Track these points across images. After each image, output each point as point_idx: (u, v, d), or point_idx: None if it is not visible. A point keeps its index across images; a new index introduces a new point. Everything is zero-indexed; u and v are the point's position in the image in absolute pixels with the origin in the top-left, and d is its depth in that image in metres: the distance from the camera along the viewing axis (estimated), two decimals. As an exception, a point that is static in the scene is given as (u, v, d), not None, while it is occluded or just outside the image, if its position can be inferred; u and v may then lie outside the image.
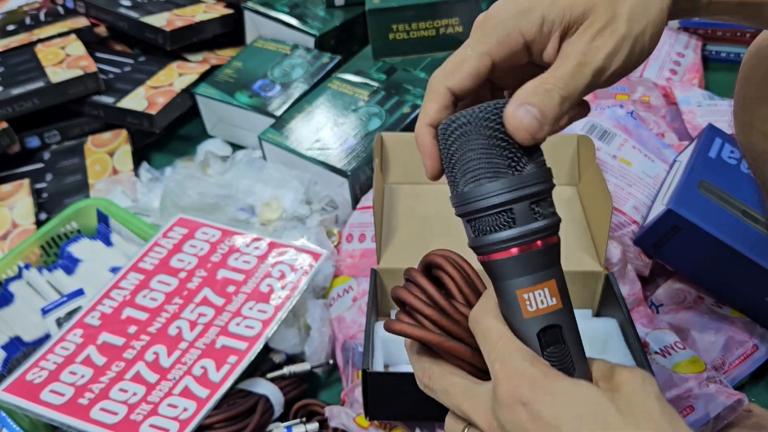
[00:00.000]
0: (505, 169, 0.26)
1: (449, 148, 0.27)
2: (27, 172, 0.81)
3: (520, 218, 0.26)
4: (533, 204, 0.26)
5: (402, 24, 0.84)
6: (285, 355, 0.58)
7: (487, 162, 0.26)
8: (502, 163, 0.26)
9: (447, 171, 0.28)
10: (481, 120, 0.26)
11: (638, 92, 0.79)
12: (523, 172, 0.26)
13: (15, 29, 0.97)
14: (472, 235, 0.27)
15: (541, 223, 0.26)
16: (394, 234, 0.59)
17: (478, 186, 0.26)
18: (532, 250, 0.26)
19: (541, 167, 0.27)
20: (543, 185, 0.26)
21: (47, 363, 0.53)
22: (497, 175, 0.26)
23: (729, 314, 0.58)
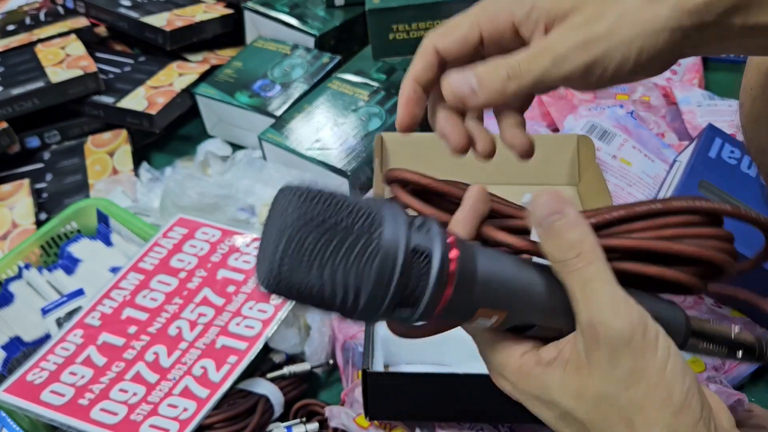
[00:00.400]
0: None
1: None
2: (27, 172, 0.81)
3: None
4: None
5: (402, 24, 0.84)
6: (285, 355, 0.58)
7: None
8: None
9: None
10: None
11: (638, 92, 0.79)
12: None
13: (15, 29, 0.97)
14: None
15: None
16: (394, 234, 0.59)
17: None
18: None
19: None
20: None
21: (47, 363, 0.53)
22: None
23: (729, 314, 0.58)
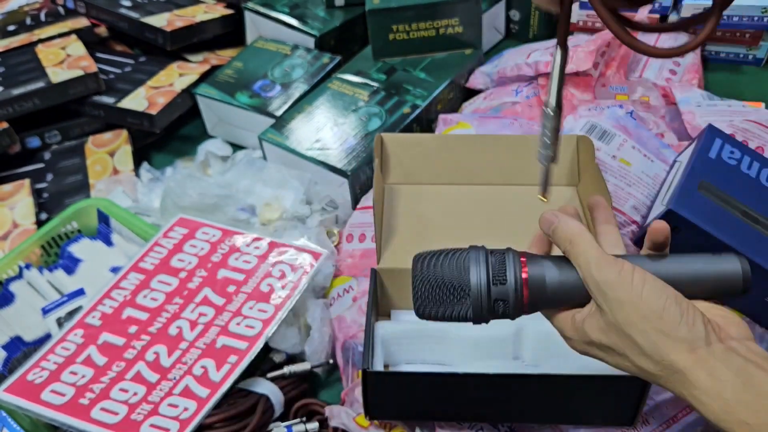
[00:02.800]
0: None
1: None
2: (27, 172, 0.81)
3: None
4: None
5: (402, 24, 0.84)
6: (285, 355, 0.58)
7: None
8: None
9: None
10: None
11: (638, 92, 0.79)
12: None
13: (15, 29, 0.97)
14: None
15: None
16: (394, 234, 0.59)
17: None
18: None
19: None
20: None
21: (48, 363, 0.53)
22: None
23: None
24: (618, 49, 0.82)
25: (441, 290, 0.33)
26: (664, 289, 0.31)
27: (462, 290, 0.33)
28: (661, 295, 0.30)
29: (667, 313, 0.30)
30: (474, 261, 0.33)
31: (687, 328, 0.29)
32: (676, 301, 0.30)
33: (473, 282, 0.33)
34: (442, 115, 0.78)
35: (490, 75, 0.85)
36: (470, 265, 0.33)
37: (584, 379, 0.45)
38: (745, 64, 0.92)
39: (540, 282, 0.33)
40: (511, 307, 0.33)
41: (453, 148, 0.64)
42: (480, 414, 0.49)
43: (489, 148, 0.64)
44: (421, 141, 0.65)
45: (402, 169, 0.64)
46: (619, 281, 0.31)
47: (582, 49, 0.76)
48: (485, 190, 0.63)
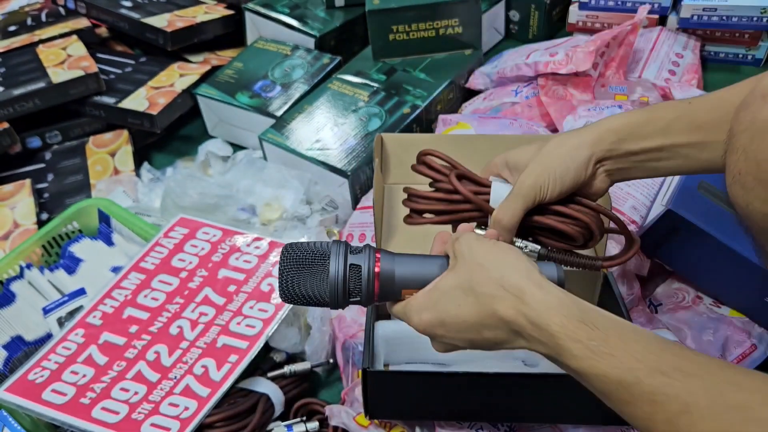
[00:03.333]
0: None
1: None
2: (28, 172, 0.82)
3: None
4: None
5: (402, 25, 0.84)
6: (285, 354, 0.58)
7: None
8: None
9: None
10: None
11: (637, 93, 0.79)
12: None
13: (16, 30, 0.97)
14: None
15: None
16: (393, 234, 0.59)
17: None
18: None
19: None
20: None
21: (49, 362, 0.54)
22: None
23: (727, 314, 0.58)
24: (617, 50, 0.82)
25: (303, 273, 0.37)
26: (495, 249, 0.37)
27: (321, 275, 0.36)
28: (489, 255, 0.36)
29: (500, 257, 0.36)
30: (334, 253, 0.37)
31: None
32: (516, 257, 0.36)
33: (331, 271, 0.36)
34: (441, 116, 0.79)
35: (490, 75, 0.85)
36: (330, 254, 0.37)
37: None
38: (744, 64, 0.93)
39: (390, 272, 0.37)
40: (364, 295, 0.37)
41: (452, 147, 0.64)
42: (480, 413, 0.49)
43: (488, 147, 0.64)
44: (421, 141, 0.65)
45: (402, 169, 0.64)
46: (469, 260, 0.36)
47: (581, 49, 0.76)
48: None
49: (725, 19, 0.87)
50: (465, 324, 0.35)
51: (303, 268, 0.37)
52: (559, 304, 0.33)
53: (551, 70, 0.77)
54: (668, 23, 0.92)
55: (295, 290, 0.37)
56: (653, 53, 0.87)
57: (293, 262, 0.37)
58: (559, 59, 0.77)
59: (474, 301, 0.34)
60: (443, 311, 0.35)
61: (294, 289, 0.37)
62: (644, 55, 0.86)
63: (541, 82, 0.78)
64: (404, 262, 0.38)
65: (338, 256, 0.37)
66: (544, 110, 0.77)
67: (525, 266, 0.35)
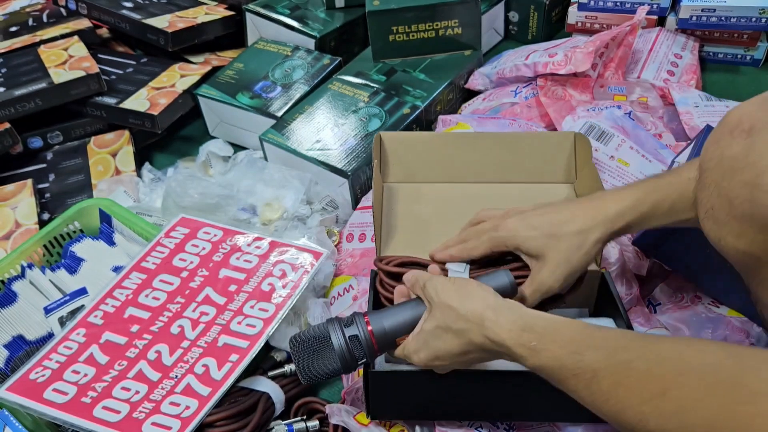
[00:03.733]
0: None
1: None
2: (30, 172, 0.82)
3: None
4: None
5: (402, 26, 0.84)
6: (286, 354, 0.58)
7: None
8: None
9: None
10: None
11: (636, 93, 0.79)
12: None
13: (18, 30, 0.97)
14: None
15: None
16: (393, 234, 0.59)
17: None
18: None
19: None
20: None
21: (50, 362, 0.54)
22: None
23: (726, 314, 0.58)
24: (616, 50, 0.82)
25: (315, 358, 0.44)
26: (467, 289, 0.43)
27: (330, 354, 0.44)
28: (463, 296, 0.43)
29: (474, 295, 0.42)
30: (332, 332, 0.44)
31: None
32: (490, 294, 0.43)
33: (336, 347, 0.43)
34: (441, 116, 0.79)
35: (489, 76, 0.85)
36: (330, 334, 0.44)
37: None
38: (743, 64, 0.93)
39: (381, 329, 0.44)
40: (367, 353, 0.44)
41: (452, 146, 0.65)
42: (481, 412, 0.50)
43: (487, 145, 0.65)
44: (420, 139, 0.66)
45: (401, 167, 0.65)
46: (445, 301, 0.43)
47: (580, 50, 0.77)
48: (484, 187, 0.64)
49: (724, 20, 0.87)
50: (453, 354, 0.42)
51: (313, 354, 0.44)
52: (507, 322, 0.39)
53: (550, 71, 0.78)
54: (667, 24, 0.93)
55: (314, 373, 0.44)
56: (652, 54, 0.87)
57: (303, 352, 0.44)
58: (558, 60, 0.77)
59: (453, 335, 0.41)
60: (434, 348, 0.42)
61: (313, 373, 0.44)
62: (643, 55, 0.87)
63: (541, 82, 0.79)
64: (389, 316, 0.44)
65: (337, 334, 0.44)
66: (543, 110, 0.77)
67: (482, 295, 0.42)
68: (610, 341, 0.35)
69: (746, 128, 0.33)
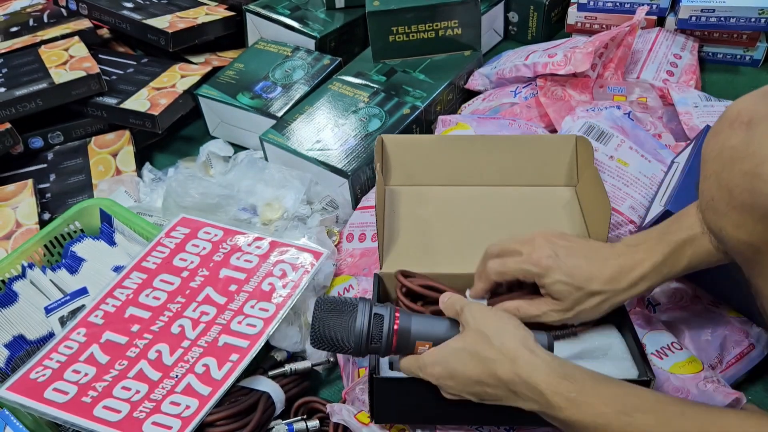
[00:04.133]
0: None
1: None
2: (30, 172, 0.82)
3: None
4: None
5: (402, 26, 0.85)
6: (286, 353, 0.59)
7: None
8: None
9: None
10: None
11: (635, 93, 0.80)
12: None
13: (18, 31, 0.97)
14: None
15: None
16: (395, 238, 0.59)
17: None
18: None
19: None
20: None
21: (50, 361, 0.54)
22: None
23: (726, 313, 0.58)
24: (615, 51, 0.82)
25: (333, 317, 0.43)
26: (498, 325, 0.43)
27: (349, 321, 0.43)
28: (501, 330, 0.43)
29: (518, 331, 0.43)
30: (362, 304, 0.43)
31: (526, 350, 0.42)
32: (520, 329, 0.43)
33: (358, 318, 0.42)
34: (441, 116, 0.79)
35: (489, 76, 0.85)
36: (359, 306, 0.43)
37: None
38: (743, 65, 0.93)
39: (407, 328, 0.43)
40: (383, 344, 0.43)
41: (453, 149, 0.65)
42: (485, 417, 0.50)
43: (489, 148, 0.65)
44: (422, 142, 0.66)
45: (402, 170, 0.65)
46: (480, 329, 0.43)
47: (580, 50, 0.77)
48: (486, 191, 0.64)
49: (723, 20, 0.87)
50: (470, 380, 0.41)
51: (333, 313, 0.43)
52: (545, 366, 0.39)
53: (550, 71, 0.78)
54: (666, 24, 0.93)
55: (324, 332, 0.43)
56: (651, 54, 0.87)
57: (325, 309, 0.43)
58: (558, 60, 0.77)
59: (478, 363, 0.40)
60: (452, 368, 0.41)
61: (323, 331, 0.43)
62: (642, 55, 0.87)
63: (540, 83, 0.79)
64: (420, 321, 0.44)
65: (365, 310, 0.43)
66: (543, 111, 0.77)
67: (521, 334, 0.41)
68: (663, 405, 0.35)
69: (745, 120, 0.33)
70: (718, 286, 0.58)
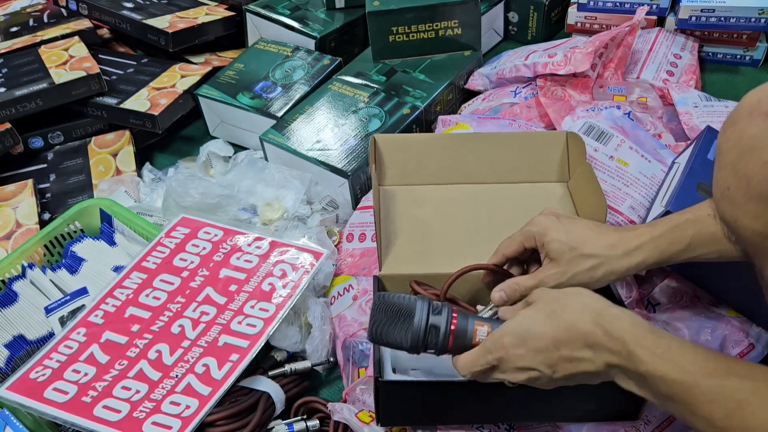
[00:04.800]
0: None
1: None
2: (30, 172, 0.82)
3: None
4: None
5: (402, 26, 0.85)
6: (286, 353, 0.59)
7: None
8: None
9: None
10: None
11: (635, 93, 0.80)
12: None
13: (18, 31, 0.97)
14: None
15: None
16: (394, 239, 0.59)
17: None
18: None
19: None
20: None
21: (50, 361, 0.54)
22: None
23: (725, 313, 0.58)
24: (615, 51, 0.82)
25: (391, 324, 0.44)
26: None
27: (406, 328, 0.43)
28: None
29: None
30: (419, 309, 0.43)
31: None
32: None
33: (415, 324, 0.43)
34: (441, 116, 0.79)
35: (489, 76, 0.85)
36: (415, 311, 0.43)
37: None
38: (742, 65, 0.93)
39: (463, 333, 0.43)
40: (439, 347, 0.44)
41: (445, 147, 0.65)
42: (486, 416, 0.50)
43: (480, 146, 0.65)
44: (414, 141, 0.66)
45: (397, 170, 0.65)
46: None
47: (580, 50, 0.77)
48: (479, 188, 0.64)
49: (723, 20, 0.87)
50: (544, 341, 0.39)
51: (391, 320, 0.43)
52: (630, 318, 0.39)
53: (550, 71, 0.78)
54: (666, 24, 0.93)
55: (382, 337, 0.44)
56: (651, 54, 0.87)
57: (384, 314, 0.44)
58: (558, 60, 0.77)
59: (555, 320, 0.39)
60: (525, 331, 0.40)
61: (381, 336, 0.44)
62: (642, 56, 0.87)
63: (540, 83, 0.79)
64: (476, 318, 0.44)
65: (422, 316, 0.43)
66: (542, 111, 0.77)
67: (599, 297, 0.41)
68: (760, 374, 0.34)
69: (765, 110, 0.33)
70: (718, 286, 0.58)
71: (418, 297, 0.44)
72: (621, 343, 0.37)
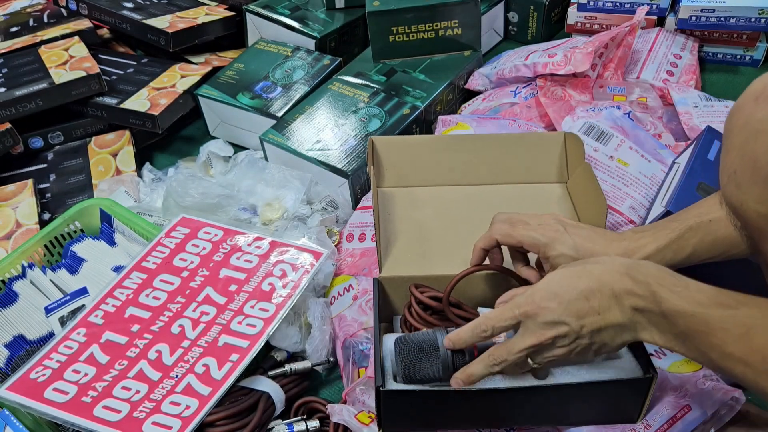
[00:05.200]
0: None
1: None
2: (30, 172, 0.82)
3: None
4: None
5: (402, 26, 0.85)
6: (286, 353, 0.59)
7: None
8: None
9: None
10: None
11: (635, 93, 0.80)
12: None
13: (18, 31, 0.97)
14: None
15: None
16: (393, 240, 0.59)
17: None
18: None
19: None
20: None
21: (50, 361, 0.54)
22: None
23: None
24: (615, 51, 0.82)
25: (420, 363, 0.46)
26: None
27: (435, 362, 0.45)
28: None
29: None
30: (440, 340, 0.46)
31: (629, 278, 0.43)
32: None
33: (441, 354, 0.45)
34: (441, 116, 0.79)
35: (489, 76, 0.85)
36: (438, 342, 0.46)
37: (590, 386, 0.46)
38: (742, 65, 0.93)
39: (485, 345, 0.45)
40: (468, 362, 0.45)
41: (443, 148, 0.65)
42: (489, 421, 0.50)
43: (478, 147, 0.65)
44: (412, 143, 0.66)
45: (395, 171, 0.65)
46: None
47: (580, 50, 0.77)
48: (478, 189, 0.64)
49: (723, 20, 0.87)
50: (575, 291, 0.41)
51: (418, 358, 0.46)
52: (655, 266, 0.41)
53: (550, 71, 0.78)
54: (666, 24, 0.93)
55: (415, 375, 0.46)
56: (651, 54, 0.87)
57: (410, 355, 0.46)
58: (558, 60, 0.77)
59: (587, 274, 0.41)
60: (557, 286, 0.42)
61: (414, 375, 0.46)
62: (642, 56, 0.87)
63: (540, 83, 0.79)
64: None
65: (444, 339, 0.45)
66: (542, 111, 0.77)
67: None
68: (765, 303, 0.36)
69: None
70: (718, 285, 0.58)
71: (435, 330, 0.46)
72: (646, 285, 0.39)
